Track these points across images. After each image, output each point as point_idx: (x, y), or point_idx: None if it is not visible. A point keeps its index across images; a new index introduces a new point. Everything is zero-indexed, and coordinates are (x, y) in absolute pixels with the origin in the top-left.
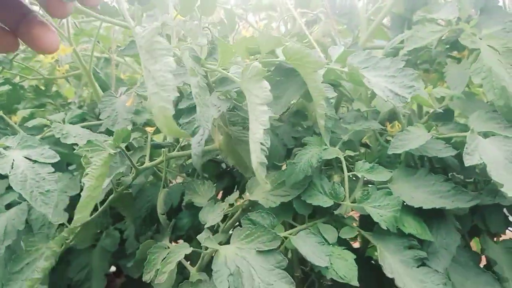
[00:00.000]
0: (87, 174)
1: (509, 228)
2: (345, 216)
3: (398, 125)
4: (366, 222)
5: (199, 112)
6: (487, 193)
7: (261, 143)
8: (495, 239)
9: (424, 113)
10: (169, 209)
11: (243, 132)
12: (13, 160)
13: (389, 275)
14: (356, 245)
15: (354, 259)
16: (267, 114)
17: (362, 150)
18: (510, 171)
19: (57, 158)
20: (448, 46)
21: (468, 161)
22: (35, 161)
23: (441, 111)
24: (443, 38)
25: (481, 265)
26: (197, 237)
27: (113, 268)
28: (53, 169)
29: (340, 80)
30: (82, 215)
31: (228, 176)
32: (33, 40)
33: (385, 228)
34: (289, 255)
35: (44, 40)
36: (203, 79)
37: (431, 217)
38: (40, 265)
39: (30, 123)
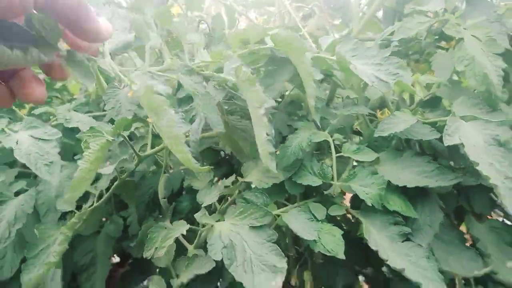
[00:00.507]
0: (83, 157)
1: (495, 210)
2: (334, 195)
3: (387, 112)
4: (356, 202)
5: (208, 119)
6: (472, 175)
7: (267, 140)
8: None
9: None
10: (170, 194)
11: (240, 121)
12: (18, 138)
13: (374, 248)
14: None
15: (345, 239)
16: (266, 116)
17: (356, 139)
18: (488, 154)
19: (59, 135)
20: (436, 37)
21: (447, 141)
22: (39, 139)
23: (427, 98)
24: (432, 29)
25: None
26: (194, 215)
27: (117, 259)
28: (56, 144)
29: (332, 70)
30: (73, 194)
31: (226, 164)
32: (25, 95)
33: (370, 205)
34: (286, 239)
35: (35, 95)
36: (202, 86)
37: (415, 196)
38: (55, 249)
39: (37, 111)
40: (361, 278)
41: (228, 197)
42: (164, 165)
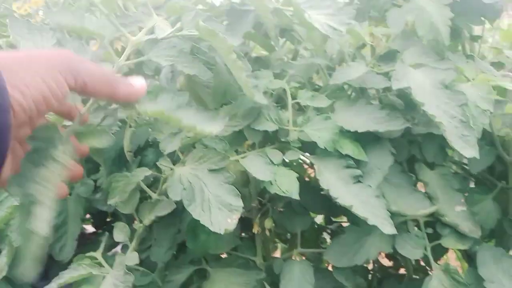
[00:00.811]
0: None
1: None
2: (291, 142)
3: (345, 65)
4: (311, 149)
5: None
6: (423, 125)
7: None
8: None
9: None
10: (136, 149)
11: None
12: None
13: (325, 187)
14: None
15: (306, 189)
16: (239, 59)
17: None
18: (435, 96)
19: None
20: None
21: (395, 85)
22: None
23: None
24: None
25: None
26: (156, 163)
27: (91, 229)
28: None
29: (292, 24)
30: None
31: None
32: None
33: (323, 148)
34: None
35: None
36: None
37: (367, 141)
38: None
39: None
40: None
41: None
42: (129, 120)
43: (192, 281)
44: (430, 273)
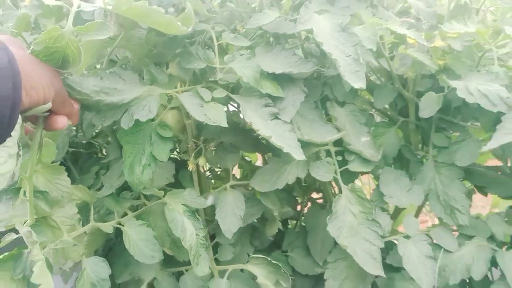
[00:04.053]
0: None
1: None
2: (218, 80)
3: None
4: (236, 91)
5: None
6: (333, 67)
7: None
8: None
9: None
10: None
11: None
12: None
13: (248, 121)
14: None
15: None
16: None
17: None
18: (334, 38)
19: None
20: None
21: (299, 27)
22: None
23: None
24: None
25: None
26: None
27: None
28: None
29: None
30: None
31: None
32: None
33: (246, 81)
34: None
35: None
36: None
37: (283, 82)
38: None
39: None
40: None
41: None
42: None
43: None
44: None
